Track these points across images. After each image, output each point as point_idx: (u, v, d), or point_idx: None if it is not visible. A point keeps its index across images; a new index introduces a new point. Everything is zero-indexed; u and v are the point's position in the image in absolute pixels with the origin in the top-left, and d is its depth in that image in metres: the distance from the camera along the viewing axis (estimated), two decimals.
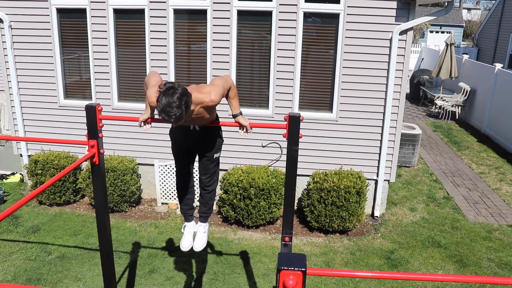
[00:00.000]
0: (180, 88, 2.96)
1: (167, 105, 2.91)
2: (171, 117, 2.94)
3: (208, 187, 4.05)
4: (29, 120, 7.49)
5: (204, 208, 4.14)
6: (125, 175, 6.73)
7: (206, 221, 4.20)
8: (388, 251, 6.10)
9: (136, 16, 6.76)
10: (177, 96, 2.92)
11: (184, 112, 2.98)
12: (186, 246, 4.12)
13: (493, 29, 20.95)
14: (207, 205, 4.13)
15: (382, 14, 6.28)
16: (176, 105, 2.91)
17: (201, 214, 4.17)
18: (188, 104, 2.99)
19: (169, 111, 2.92)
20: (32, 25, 7.03)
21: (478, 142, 11.40)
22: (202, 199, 4.12)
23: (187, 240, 4.13)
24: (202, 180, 4.03)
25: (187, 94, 2.99)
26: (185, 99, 2.96)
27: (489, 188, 8.43)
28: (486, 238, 6.50)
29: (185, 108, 2.97)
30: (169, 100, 2.90)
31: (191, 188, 4.14)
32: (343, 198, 6.18)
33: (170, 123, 3.04)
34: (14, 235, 6.24)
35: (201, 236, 4.15)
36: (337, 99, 6.65)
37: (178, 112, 2.93)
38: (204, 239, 4.15)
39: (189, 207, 4.20)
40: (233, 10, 6.46)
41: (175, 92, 2.92)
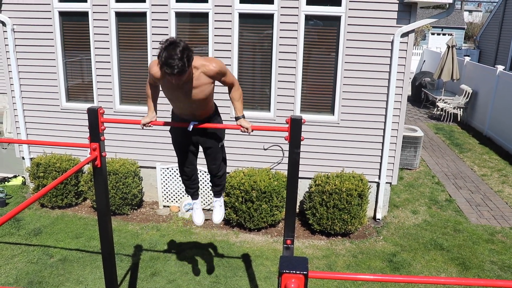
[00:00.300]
0: (182, 42, 3.00)
1: (169, 57, 2.94)
2: (173, 69, 2.97)
3: (218, 173, 4.13)
4: (31, 123, 7.50)
5: (218, 188, 4.28)
6: (127, 178, 6.73)
7: (220, 195, 4.33)
8: (390, 253, 6.09)
9: (138, 19, 6.77)
10: (179, 49, 2.96)
11: (186, 65, 3.01)
12: (200, 220, 4.33)
13: (494, 31, 20.94)
14: (220, 185, 4.26)
15: (384, 16, 6.28)
16: (178, 57, 2.95)
17: (215, 190, 4.29)
18: (190, 58, 3.03)
19: (171, 62, 2.95)
20: (34, 28, 7.05)
21: (480, 144, 11.38)
22: (214, 183, 4.23)
23: (199, 215, 4.33)
24: (212, 169, 4.09)
25: (189, 49, 3.03)
26: (187, 53, 2.99)
27: (491, 190, 8.41)
28: (488, 240, 6.49)
29: (187, 61, 3.00)
30: (171, 52, 2.94)
31: (196, 176, 4.23)
32: (345, 200, 6.18)
33: (173, 75, 3.04)
34: (16, 238, 6.25)
35: (219, 210, 4.34)
36: (338, 101, 6.65)
37: (180, 63, 2.96)
38: (222, 212, 4.34)
39: (195, 189, 4.29)
40: (234, 13, 6.47)
41: (177, 46, 2.97)
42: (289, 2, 6.36)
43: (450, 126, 13.38)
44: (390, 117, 6.54)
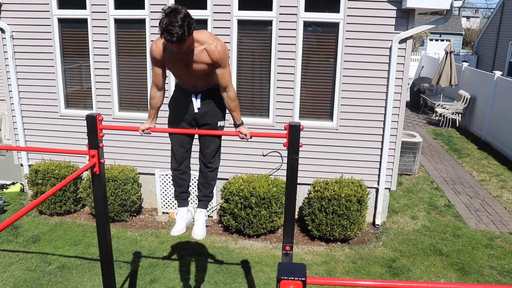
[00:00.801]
0: (183, 10, 2.96)
1: (169, 24, 2.91)
2: (173, 36, 2.94)
3: (211, 163, 3.76)
4: (30, 130, 7.50)
5: (206, 191, 3.85)
6: (125, 185, 6.72)
7: (206, 207, 3.92)
8: (390, 259, 6.08)
9: (137, 26, 6.80)
10: (180, 16, 2.92)
11: (187, 33, 2.97)
12: (177, 230, 3.78)
13: (492, 37, 21.03)
14: (209, 187, 3.84)
15: (382, 23, 6.31)
16: (179, 25, 2.91)
17: (202, 199, 3.89)
18: (190, 25, 2.99)
19: (171, 29, 2.92)
20: (33, 35, 7.07)
21: (478, 150, 11.40)
22: (204, 179, 3.83)
23: (179, 225, 3.80)
24: (206, 154, 3.73)
25: (190, 17, 3.00)
26: (188, 20, 2.96)
27: (490, 195, 8.42)
28: (487, 245, 6.48)
29: (188, 29, 2.97)
30: (172, 19, 2.91)
31: (187, 168, 3.84)
32: (344, 206, 6.17)
33: (173, 43, 3.00)
34: (14, 245, 6.23)
35: (202, 224, 3.83)
36: (337, 107, 6.67)
37: (180, 31, 2.93)
38: (204, 228, 3.84)
39: (184, 189, 3.88)
40: (233, 19, 6.49)
41: (178, 13, 2.94)
42: (288, 9, 6.39)
43: (449, 131, 13.41)
44: (388, 122, 6.56)
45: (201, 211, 3.88)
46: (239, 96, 6.78)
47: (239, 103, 3.67)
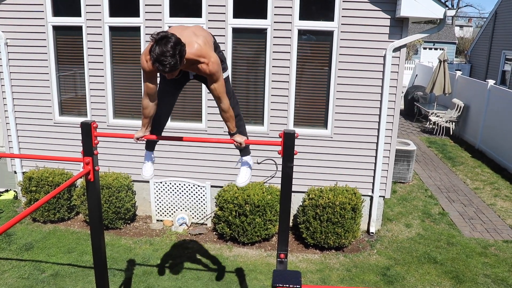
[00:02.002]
0: (173, 37, 2.88)
1: (160, 54, 2.85)
2: (165, 67, 2.88)
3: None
4: (24, 137, 7.47)
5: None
6: (120, 192, 6.70)
7: (247, 153, 4.00)
8: (384, 267, 6.08)
9: (132, 33, 6.81)
10: (170, 45, 2.85)
11: (179, 62, 2.91)
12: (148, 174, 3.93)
13: (485, 46, 21.22)
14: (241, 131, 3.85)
15: (376, 31, 6.36)
16: (171, 54, 2.85)
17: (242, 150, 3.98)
18: (182, 54, 2.93)
19: (163, 60, 2.86)
20: (28, 42, 7.06)
21: (472, 158, 11.45)
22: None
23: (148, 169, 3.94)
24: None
25: (181, 44, 2.92)
26: (179, 48, 2.89)
27: (484, 203, 8.45)
28: (482, 254, 6.50)
29: (179, 58, 2.91)
30: (163, 49, 2.84)
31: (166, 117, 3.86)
32: (339, 214, 6.18)
33: (165, 73, 2.96)
34: (6, 253, 6.18)
35: (243, 172, 4.01)
36: (331, 115, 6.69)
37: (172, 61, 2.87)
38: (247, 174, 3.99)
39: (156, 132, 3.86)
40: (228, 28, 6.52)
41: (168, 41, 2.86)
42: (282, 17, 6.42)
43: (443, 139, 13.47)
44: (383, 130, 6.58)
45: (242, 160, 4.05)
46: None
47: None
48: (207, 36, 3.35)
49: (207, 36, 3.33)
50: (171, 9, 6.61)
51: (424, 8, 5.91)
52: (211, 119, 6.83)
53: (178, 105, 7.01)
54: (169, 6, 6.59)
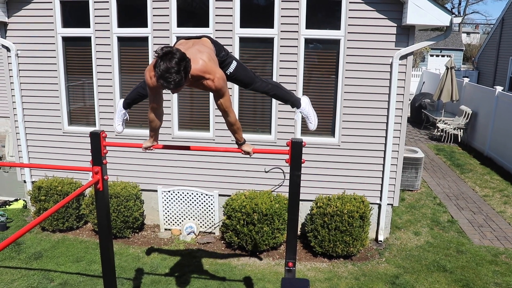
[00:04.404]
0: (178, 53, 2.82)
1: (165, 71, 2.79)
2: (170, 83, 2.82)
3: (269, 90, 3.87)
4: (33, 147, 7.54)
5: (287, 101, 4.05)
6: (128, 201, 6.73)
7: (298, 105, 4.10)
8: (393, 276, 6.04)
9: (140, 43, 6.87)
10: (175, 61, 2.79)
11: (184, 78, 2.85)
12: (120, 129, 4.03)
13: (492, 52, 21.16)
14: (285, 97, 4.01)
15: (382, 39, 6.37)
16: (175, 71, 2.79)
17: (292, 104, 4.09)
18: (187, 69, 2.87)
19: (168, 77, 2.80)
20: (38, 53, 7.15)
21: (481, 165, 11.38)
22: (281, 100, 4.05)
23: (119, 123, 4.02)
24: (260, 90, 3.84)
25: (186, 59, 2.86)
26: (184, 64, 2.83)
27: (493, 211, 8.38)
28: (492, 262, 6.44)
29: (184, 74, 2.85)
30: (167, 65, 2.78)
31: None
32: (347, 222, 6.16)
33: (169, 89, 2.91)
34: (16, 262, 6.21)
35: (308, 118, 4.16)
36: (339, 123, 6.69)
37: (177, 78, 2.81)
38: (312, 117, 4.15)
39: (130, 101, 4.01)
40: (235, 37, 6.56)
41: (173, 57, 2.80)
42: (289, 26, 6.46)
43: (451, 147, 13.41)
44: (390, 138, 6.57)
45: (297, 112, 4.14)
46: (241, 113, 6.82)
47: (241, 120, 3.70)
48: (211, 52, 3.32)
49: (211, 52, 3.30)
50: (178, 19, 6.68)
51: (430, 16, 5.93)
52: (219, 128, 6.86)
53: (186, 114, 7.05)
54: (176, 16, 6.66)
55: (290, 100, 4.04)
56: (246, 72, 3.73)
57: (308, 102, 4.17)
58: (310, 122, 4.18)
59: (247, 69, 3.77)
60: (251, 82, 3.74)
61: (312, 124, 4.18)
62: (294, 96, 4.07)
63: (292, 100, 4.05)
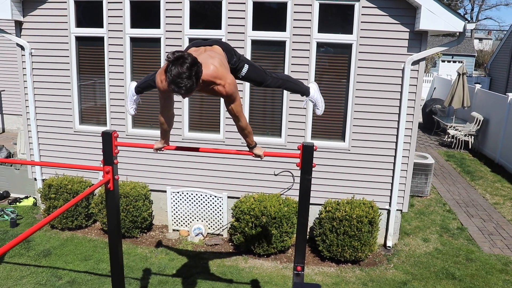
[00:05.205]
0: (190, 58, 2.79)
1: (177, 76, 2.76)
2: (181, 89, 2.80)
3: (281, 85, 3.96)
4: (44, 145, 7.60)
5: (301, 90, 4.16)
6: (137, 201, 6.76)
7: (307, 93, 4.21)
8: (401, 282, 6.00)
9: (152, 44, 6.91)
10: (186, 66, 2.76)
11: (195, 84, 2.83)
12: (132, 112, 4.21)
13: (505, 58, 20.99)
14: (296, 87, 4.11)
15: (395, 44, 6.35)
16: (187, 76, 2.76)
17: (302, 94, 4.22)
18: (198, 74, 2.85)
19: (179, 82, 2.77)
20: (51, 52, 7.22)
21: (492, 172, 11.28)
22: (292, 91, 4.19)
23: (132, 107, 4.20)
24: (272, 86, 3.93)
25: (197, 64, 2.84)
26: (195, 69, 2.81)
27: (504, 219, 8.30)
28: (502, 270, 6.38)
29: (196, 79, 2.83)
30: (179, 70, 2.75)
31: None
32: (355, 227, 6.13)
33: (180, 94, 2.89)
34: (25, 259, 6.26)
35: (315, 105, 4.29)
36: (349, 128, 6.68)
37: (188, 83, 2.79)
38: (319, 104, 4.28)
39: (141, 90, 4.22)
40: (247, 40, 6.58)
41: (184, 62, 2.77)
42: (301, 29, 6.46)
43: (461, 153, 13.31)
44: (401, 144, 6.54)
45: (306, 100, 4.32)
46: (251, 115, 6.83)
47: (251, 122, 3.71)
48: (222, 58, 3.31)
49: (222, 59, 3.29)
50: (191, 21, 6.70)
51: (443, 22, 5.90)
52: (229, 130, 6.87)
53: (196, 115, 7.07)
54: (189, 18, 6.69)
55: (300, 91, 4.16)
56: (258, 72, 3.75)
57: (317, 88, 4.28)
58: (317, 108, 4.30)
59: (259, 68, 3.79)
60: (263, 80, 3.78)
61: (319, 110, 4.30)
62: (304, 86, 4.18)
63: (303, 90, 4.17)
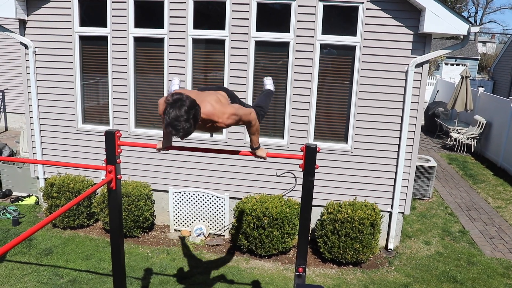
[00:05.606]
0: (188, 101, 2.84)
1: (174, 119, 2.81)
2: (179, 131, 2.85)
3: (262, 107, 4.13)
4: (47, 143, 7.61)
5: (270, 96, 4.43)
6: (139, 201, 6.76)
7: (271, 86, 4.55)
8: (402, 285, 5.99)
9: (156, 44, 6.92)
10: (184, 109, 2.81)
11: (193, 126, 2.88)
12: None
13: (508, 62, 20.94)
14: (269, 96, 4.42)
15: (398, 47, 6.34)
16: (184, 119, 2.81)
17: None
18: (196, 117, 2.89)
19: (177, 125, 2.82)
20: (55, 51, 7.23)
21: (494, 176, 11.26)
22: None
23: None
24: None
25: (195, 107, 2.88)
26: (193, 113, 2.85)
27: (506, 223, 8.28)
28: (504, 274, 6.36)
29: (194, 122, 2.87)
30: (177, 113, 2.80)
31: None
32: (357, 229, 6.13)
33: (178, 137, 2.93)
34: (27, 257, 6.27)
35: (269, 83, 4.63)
36: (352, 130, 6.67)
37: (186, 126, 2.83)
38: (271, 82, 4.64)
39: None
40: (251, 40, 6.58)
41: (182, 105, 2.82)
42: (305, 31, 6.46)
43: (464, 156, 13.28)
44: (403, 146, 6.53)
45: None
46: None
47: None
48: (221, 96, 3.34)
49: (220, 96, 3.33)
50: (195, 21, 6.71)
51: (447, 25, 5.89)
52: (232, 131, 6.87)
53: None
54: (193, 18, 6.69)
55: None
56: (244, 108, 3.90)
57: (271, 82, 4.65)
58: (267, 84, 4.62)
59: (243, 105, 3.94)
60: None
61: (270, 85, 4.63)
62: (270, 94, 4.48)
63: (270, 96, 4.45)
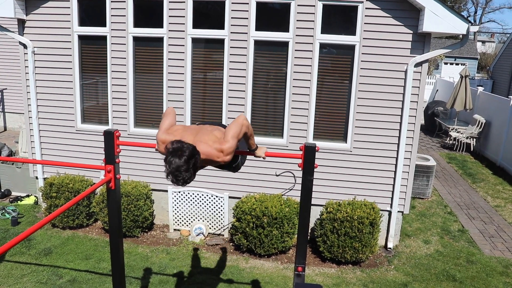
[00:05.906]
0: (187, 150, 2.85)
1: (175, 169, 2.82)
2: (179, 181, 2.87)
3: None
4: (46, 143, 7.61)
5: None
6: (138, 201, 6.76)
7: None
8: (402, 283, 5.99)
9: (155, 44, 6.91)
10: (184, 159, 2.82)
11: (193, 175, 2.91)
12: None
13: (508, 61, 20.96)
14: None
15: (398, 46, 6.34)
16: (184, 169, 2.83)
17: None
18: (196, 165, 2.91)
19: (178, 175, 2.84)
20: (54, 51, 7.22)
21: (493, 175, 11.27)
22: None
23: None
24: None
25: (195, 156, 2.89)
26: (193, 162, 2.87)
27: (505, 221, 8.29)
28: (503, 273, 6.37)
29: (193, 170, 2.89)
30: (177, 163, 2.81)
31: None
32: (356, 228, 6.13)
33: (178, 185, 2.95)
34: (26, 258, 6.26)
35: None
36: (351, 129, 6.67)
37: (186, 176, 2.86)
38: None
39: None
40: (250, 40, 6.57)
41: (182, 154, 2.83)
42: (304, 30, 6.46)
43: (463, 155, 13.29)
44: (403, 145, 6.54)
45: None
46: (254, 116, 6.83)
47: (253, 123, 3.69)
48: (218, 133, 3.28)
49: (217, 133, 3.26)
50: (194, 21, 6.71)
51: (447, 24, 5.89)
52: None
53: (199, 115, 7.07)
54: (192, 17, 6.69)
55: None
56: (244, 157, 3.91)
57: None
58: None
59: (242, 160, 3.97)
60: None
61: None
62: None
63: None
